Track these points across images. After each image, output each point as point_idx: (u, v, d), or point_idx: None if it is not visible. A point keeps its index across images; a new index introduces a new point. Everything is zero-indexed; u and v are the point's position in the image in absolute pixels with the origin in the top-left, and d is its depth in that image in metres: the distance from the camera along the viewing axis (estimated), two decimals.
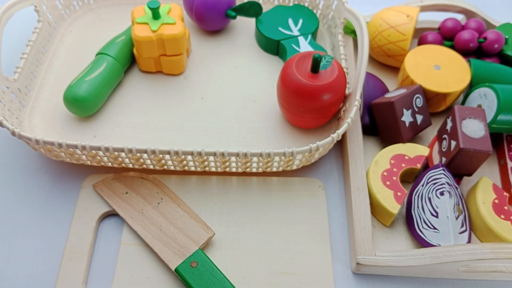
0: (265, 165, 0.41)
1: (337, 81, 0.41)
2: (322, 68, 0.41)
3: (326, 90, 0.40)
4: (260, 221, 0.41)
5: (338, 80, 0.41)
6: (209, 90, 0.49)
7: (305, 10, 0.54)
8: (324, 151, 0.42)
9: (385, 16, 0.50)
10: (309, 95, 0.40)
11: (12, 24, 0.47)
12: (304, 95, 0.40)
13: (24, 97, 0.46)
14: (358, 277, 0.39)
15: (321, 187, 0.43)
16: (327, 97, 0.40)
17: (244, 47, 0.54)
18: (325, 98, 0.40)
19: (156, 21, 0.46)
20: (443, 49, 0.48)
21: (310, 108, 0.41)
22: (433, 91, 0.45)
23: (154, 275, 0.38)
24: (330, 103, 0.41)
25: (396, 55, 0.50)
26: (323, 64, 0.41)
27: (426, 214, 0.39)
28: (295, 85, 0.40)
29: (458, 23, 0.50)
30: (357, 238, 0.38)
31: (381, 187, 0.40)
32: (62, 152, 0.40)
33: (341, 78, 0.41)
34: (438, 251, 0.36)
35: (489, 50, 0.48)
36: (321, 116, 0.43)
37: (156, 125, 0.46)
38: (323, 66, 0.41)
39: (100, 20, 0.56)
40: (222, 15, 0.51)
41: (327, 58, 0.41)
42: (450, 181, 0.40)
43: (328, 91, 0.40)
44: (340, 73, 0.41)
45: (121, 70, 0.48)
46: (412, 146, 0.43)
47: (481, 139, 0.39)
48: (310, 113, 0.42)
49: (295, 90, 0.41)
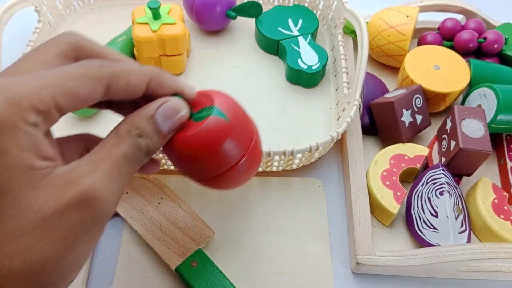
0: (265, 165, 0.41)
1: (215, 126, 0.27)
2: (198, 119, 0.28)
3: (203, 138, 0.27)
4: (260, 221, 0.41)
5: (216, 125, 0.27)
6: None
7: (305, 10, 0.54)
8: (324, 151, 0.42)
9: (385, 16, 0.50)
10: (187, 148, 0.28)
11: (12, 24, 0.47)
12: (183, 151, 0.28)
13: None
14: (358, 276, 0.39)
15: (321, 187, 0.43)
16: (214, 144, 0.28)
17: (244, 47, 0.54)
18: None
19: (157, 21, 0.46)
20: (443, 49, 0.48)
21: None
22: (432, 91, 0.45)
23: (154, 275, 0.38)
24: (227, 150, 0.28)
25: (396, 55, 0.50)
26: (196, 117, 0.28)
27: (426, 214, 0.39)
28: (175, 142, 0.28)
29: (457, 23, 0.50)
30: (356, 237, 0.38)
31: (380, 187, 0.40)
32: None
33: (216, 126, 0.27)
34: (437, 251, 0.36)
35: (489, 50, 0.48)
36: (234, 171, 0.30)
37: None
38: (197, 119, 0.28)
39: (101, 20, 0.56)
40: (222, 15, 0.52)
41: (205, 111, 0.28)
42: (450, 181, 0.40)
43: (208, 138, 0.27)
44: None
45: None
46: (411, 146, 0.43)
47: (480, 139, 0.39)
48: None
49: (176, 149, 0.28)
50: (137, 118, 0.25)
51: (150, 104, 0.25)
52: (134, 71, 0.24)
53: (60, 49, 0.24)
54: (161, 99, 0.26)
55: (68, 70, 0.22)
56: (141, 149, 0.24)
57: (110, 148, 0.23)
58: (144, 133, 0.24)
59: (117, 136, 0.24)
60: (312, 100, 0.48)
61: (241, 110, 0.31)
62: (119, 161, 0.23)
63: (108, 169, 0.22)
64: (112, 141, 0.24)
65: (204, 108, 0.28)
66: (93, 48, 0.26)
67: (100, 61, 0.24)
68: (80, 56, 0.25)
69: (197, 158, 0.28)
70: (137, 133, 0.24)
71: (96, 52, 0.26)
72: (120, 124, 0.25)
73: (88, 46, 0.26)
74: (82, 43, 0.25)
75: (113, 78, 0.23)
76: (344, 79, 0.45)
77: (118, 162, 0.23)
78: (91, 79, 0.22)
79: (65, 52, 0.24)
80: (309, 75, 0.48)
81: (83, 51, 0.25)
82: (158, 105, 0.25)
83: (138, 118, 0.25)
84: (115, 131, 0.24)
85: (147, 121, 0.25)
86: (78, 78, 0.22)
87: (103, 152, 0.23)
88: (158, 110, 0.25)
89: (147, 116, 0.25)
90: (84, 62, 0.23)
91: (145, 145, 0.24)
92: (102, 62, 0.24)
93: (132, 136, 0.24)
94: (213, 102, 0.28)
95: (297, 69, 0.48)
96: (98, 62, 0.23)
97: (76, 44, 0.25)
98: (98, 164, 0.22)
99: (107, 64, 0.24)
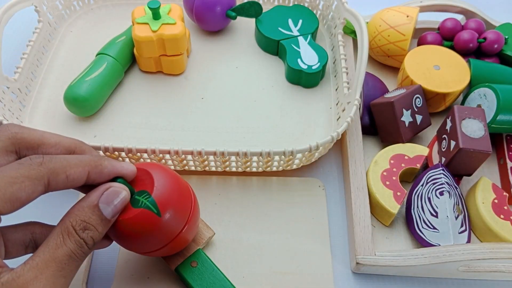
0: (265, 165, 0.41)
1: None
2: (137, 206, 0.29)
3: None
4: (260, 221, 0.41)
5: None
6: (209, 90, 0.49)
7: (305, 10, 0.54)
8: (324, 151, 0.42)
9: (385, 16, 0.50)
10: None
11: (12, 24, 0.47)
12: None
13: (25, 97, 0.46)
14: (358, 276, 0.39)
15: (321, 187, 0.43)
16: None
17: (244, 47, 0.54)
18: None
19: (157, 21, 0.46)
20: (443, 49, 0.48)
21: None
22: (432, 91, 0.45)
23: (154, 275, 0.38)
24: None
25: (396, 55, 0.50)
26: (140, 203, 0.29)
27: (426, 214, 0.39)
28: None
29: (457, 23, 0.50)
30: (357, 237, 0.38)
31: (380, 187, 0.40)
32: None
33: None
34: (437, 251, 0.36)
35: (489, 50, 0.48)
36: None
37: (156, 125, 0.46)
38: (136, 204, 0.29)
39: (100, 20, 0.56)
40: (222, 15, 0.52)
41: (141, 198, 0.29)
42: (450, 181, 0.40)
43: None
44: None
45: (121, 70, 0.48)
46: (411, 146, 0.43)
47: (480, 139, 0.39)
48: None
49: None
50: (81, 211, 0.26)
51: (92, 193, 0.27)
52: (73, 165, 0.25)
53: (0, 145, 0.25)
54: (101, 187, 0.27)
55: (8, 173, 0.23)
56: (87, 244, 0.25)
57: (55, 249, 0.24)
58: (90, 225, 0.26)
59: (62, 233, 0.25)
60: (312, 100, 0.48)
61: (178, 190, 0.32)
62: (64, 262, 0.24)
63: (53, 273, 0.23)
64: (57, 240, 0.24)
65: (143, 191, 0.30)
66: (32, 137, 0.27)
67: (40, 157, 0.25)
68: (20, 147, 0.26)
69: (134, 239, 0.30)
70: (83, 226, 0.25)
71: (34, 142, 0.27)
72: (64, 218, 0.26)
73: (26, 137, 0.26)
74: (20, 136, 0.26)
75: (52, 176, 0.24)
76: (344, 79, 0.45)
77: (63, 264, 0.24)
78: (31, 180, 0.23)
79: (5, 147, 0.25)
80: (309, 75, 0.48)
81: (22, 142, 0.26)
82: (100, 193, 0.26)
83: (82, 210, 0.26)
84: (60, 226, 0.25)
85: (91, 211, 0.26)
86: (18, 181, 0.23)
87: (48, 254, 0.24)
88: (100, 199, 0.26)
89: (91, 206, 0.26)
90: (24, 161, 0.24)
91: (90, 238, 0.26)
92: (42, 159, 0.24)
93: (78, 231, 0.25)
94: (152, 186, 0.30)
95: (297, 69, 0.48)
96: (38, 160, 0.24)
97: (15, 138, 0.26)
98: (43, 269, 0.23)
99: (47, 160, 0.24)
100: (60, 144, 0.28)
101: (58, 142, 0.28)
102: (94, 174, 0.26)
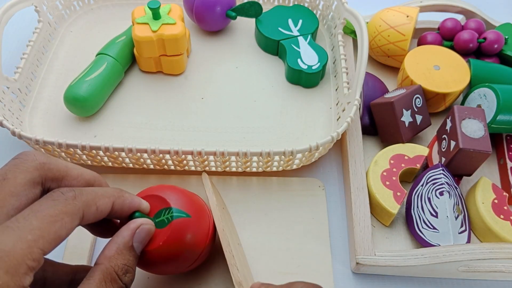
0: (265, 165, 0.41)
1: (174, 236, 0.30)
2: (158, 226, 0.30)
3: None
4: (260, 221, 0.41)
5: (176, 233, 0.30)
6: (209, 90, 0.49)
7: (305, 10, 0.54)
8: (324, 151, 0.42)
9: (385, 16, 0.50)
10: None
11: (12, 24, 0.48)
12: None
13: (25, 97, 0.46)
14: (358, 276, 0.39)
15: (321, 187, 0.43)
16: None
17: (244, 47, 0.54)
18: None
19: (156, 21, 0.46)
20: (443, 49, 0.48)
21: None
22: (432, 91, 0.45)
23: (154, 275, 0.38)
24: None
25: (396, 55, 0.50)
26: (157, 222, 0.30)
27: (426, 214, 0.39)
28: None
29: (457, 23, 0.50)
30: (356, 238, 0.38)
31: (380, 187, 0.40)
32: (62, 152, 0.40)
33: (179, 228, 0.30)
34: (437, 251, 0.36)
35: (489, 50, 0.48)
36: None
37: (156, 125, 0.46)
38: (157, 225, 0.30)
39: (100, 20, 0.56)
40: (222, 15, 0.52)
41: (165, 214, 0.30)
42: (450, 181, 0.40)
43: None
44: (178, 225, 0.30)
45: (121, 70, 0.48)
46: (411, 146, 0.43)
47: (480, 139, 0.39)
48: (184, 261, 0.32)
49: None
50: (121, 254, 0.26)
51: (124, 232, 0.27)
52: (101, 196, 0.26)
53: (28, 177, 0.25)
54: (130, 225, 0.27)
55: (47, 212, 0.23)
56: (127, 287, 0.26)
57: None
58: (130, 268, 0.26)
59: (105, 280, 0.25)
60: (312, 100, 0.48)
61: (189, 197, 0.32)
62: None
63: None
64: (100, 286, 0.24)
65: (159, 212, 0.30)
66: (57, 169, 0.26)
67: (71, 191, 0.24)
68: (46, 179, 0.26)
69: (171, 261, 0.30)
70: (125, 270, 0.26)
71: (60, 173, 0.26)
72: (103, 261, 0.25)
73: (53, 168, 0.26)
74: (47, 167, 0.26)
75: (86, 208, 0.24)
76: (344, 79, 0.45)
77: None
78: (69, 216, 0.23)
79: (32, 179, 0.25)
80: (309, 75, 0.48)
81: (49, 174, 0.26)
82: (132, 232, 0.27)
83: (121, 253, 0.26)
84: (101, 272, 0.25)
85: (129, 253, 0.26)
86: (59, 219, 0.23)
87: None
88: (134, 238, 0.27)
89: (127, 247, 0.26)
90: (57, 196, 0.24)
91: (130, 281, 0.26)
92: (74, 192, 0.24)
93: (121, 276, 0.25)
94: (166, 203, 0.30)
95: (297, 69, 0.48)
96: (71, 194, 0.24)
97: (42, 169, 0.26)
98: None
99: (79, 193, 0.24)
100: (81, 177, 0.28)
101: (80, 174, 0.27)
102: (117, 205, 0.27)
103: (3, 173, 0.24)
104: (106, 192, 0.26)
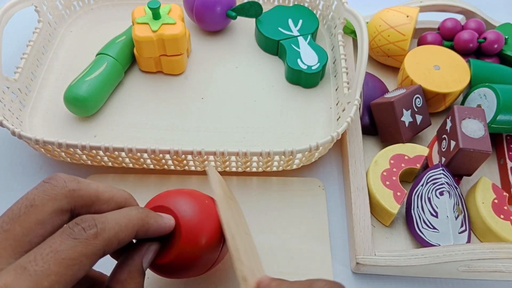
0: (265, 165, 0.41)
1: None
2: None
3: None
4: (260, 221, 0.41)
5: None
6: (209, 90, 0.49)
7: (305, 10, 0.54)
8: (324, 151, 0.42)
9: (385, 16, 0.50)
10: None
11: (12, 24, 0.47)
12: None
13: (25, 97, 0.46)
14: (358, 276, 0.39)
15: (321, 187, 0.43)
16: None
17: (244, 47, 0.54)
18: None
19: (157, 21, 0.46)
20: (443, 49, 0.48)
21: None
22: (432, 91, 0.45)
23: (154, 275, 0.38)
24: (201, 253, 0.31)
25: (396, 55, 0.50)
26: None
27: (426, 214, 0.39)
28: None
29: (457, 23, 0.50)
30: (356, 238, 0.38)
31: (380, 187, 0.40)
32: (62, 152, 0.40)
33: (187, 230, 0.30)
34: (437, 251, 0.36)
35: (489, 50, 0.48)
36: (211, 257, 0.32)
37: (156, 125, 0.46)
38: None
39: (100, 20, 0.56)
40: (222, 15, 0.52)
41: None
42: (450, 181, 0.40)
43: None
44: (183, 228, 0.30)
45: (121, 70, 0.48)
46: (411, 146, 0.43)
47: (480, 139, 0.39)
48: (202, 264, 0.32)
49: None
50: (133, 278, 0.26)
51: (135, 255, 0.27)
52: (124, 227, 0.25)
53: (56, 205, 0.24)
54: (142, 248, 0.28)
55: (66, 255, 0.22)
56: None
57: None
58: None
59: None
60: (312, 100, 0.48)
61: (198, 198, 0.32)
62: None
63: None
64: None
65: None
66: (88, 195, 0.26)
67: (94, 227, 0.23)
68: (75, 206, 0.25)
69: (189, 267, 0.31)
70: None
71: (90, 199, 0.26)
72: (115, 286, 0.26)
73: (83, 194, 0.25)
74: (77, 194, 0.25)
75: (107, 247, 0.24)
76: (344, 79, 0.45)
77: None
78: (89, 257, 0.23)
79: (61, 207, 0.24)
80: (309, 76, 0.48)
81: (79, 201, 0.25)
82: (142, 255, 0.27)
83: (134, 277, 0.26)
84: None
85: (139, 275, 0.27)
86: (77, 262, 0.22)
87: None
88: (143, 260, 0.27)
89: (138, 270, 0.27)
90: (79, 234, 0.23)
91: None
92: (96, 229, 0.23)
93: None
94: (177, 216, 0.30)
95: (297, 69, 0.48)
96: (93, 231, 0.23)
97: (72, 197, 0.25)
98: None
99: (101, 229, 0.24)
100: (112, 200, 0.27)
101: (111, 198, 0.27)
102: (140, 234, 0.26)
103: (31, 199, 0.24)
104: (131, 222, 0.26)
